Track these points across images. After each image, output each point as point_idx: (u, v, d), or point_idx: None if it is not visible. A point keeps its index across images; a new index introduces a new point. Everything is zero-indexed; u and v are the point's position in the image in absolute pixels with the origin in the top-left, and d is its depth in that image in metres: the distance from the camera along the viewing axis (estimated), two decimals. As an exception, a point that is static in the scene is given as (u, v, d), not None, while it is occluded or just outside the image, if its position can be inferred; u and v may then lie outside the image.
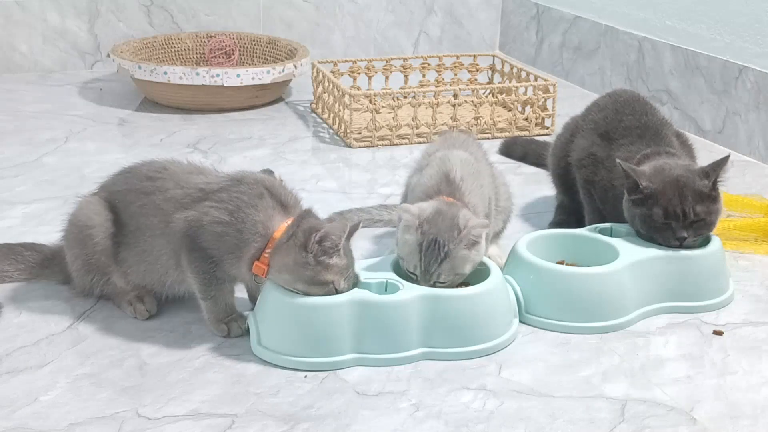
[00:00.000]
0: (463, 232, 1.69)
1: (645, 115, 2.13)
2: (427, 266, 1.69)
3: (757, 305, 1.91)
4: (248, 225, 1.65)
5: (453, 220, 1.69)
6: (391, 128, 2.89)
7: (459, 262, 1.70)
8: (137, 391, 1.55)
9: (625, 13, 3.38)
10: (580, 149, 2.16)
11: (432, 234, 1.69)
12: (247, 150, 2.79)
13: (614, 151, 2.07)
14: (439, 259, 1.68)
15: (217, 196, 1.69)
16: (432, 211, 1.71)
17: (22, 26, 3.57)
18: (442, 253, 1.68)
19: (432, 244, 1.68)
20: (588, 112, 2.24)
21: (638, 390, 1.60)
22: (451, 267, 1.69)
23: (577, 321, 1.78)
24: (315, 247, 1.60)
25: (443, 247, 1.68)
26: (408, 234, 1.71)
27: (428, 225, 1.69)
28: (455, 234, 1.69)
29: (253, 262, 1.64)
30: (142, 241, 1.76)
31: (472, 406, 1.54)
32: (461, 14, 4.08)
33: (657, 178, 1.89)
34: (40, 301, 1.85)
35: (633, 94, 2.21)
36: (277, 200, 1.69)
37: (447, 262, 1.69)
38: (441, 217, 1.70)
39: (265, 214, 1.66)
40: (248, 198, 1.67)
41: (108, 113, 3.13)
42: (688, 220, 1.86)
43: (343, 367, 1.63)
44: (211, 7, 3.77)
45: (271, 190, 1.69)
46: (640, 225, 1.90)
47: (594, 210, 2.13)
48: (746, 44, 2.81)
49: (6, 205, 2.33)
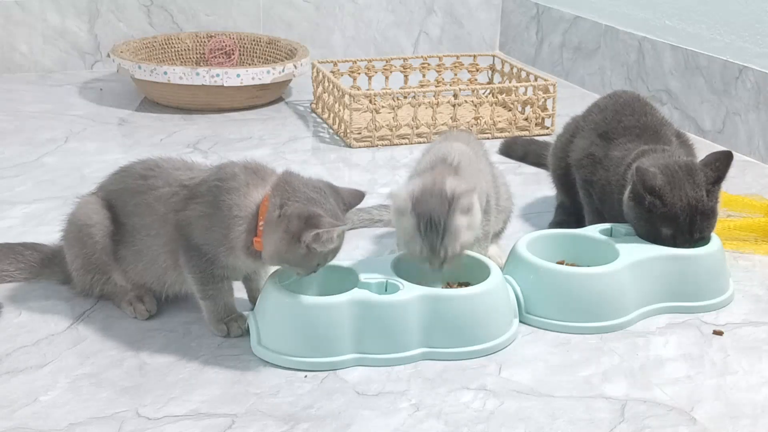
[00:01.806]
0: (453, 203, 1.68)
1: (644, 115, 2.13)
2: (431, 247, 1.69)
3: (757, 305, 1.91)
4: (225, 211, 1.63)
5: (441, 193, 1.69)
6: (391, 128, 2.89)
7: (458, 232, 1.69)
8: (137, 391, 1.55)
9: (625, 13, 3.38)
10: (579, 149, 2.16)
11: (426, 213, 1.68)
12: (247, 150, 2.79)
13: (612, 150, 2.07)
14: (440, 235, 1.68)
15: (198, 191, 1.68)
16: (419, 190, 1.70)
17: (22, 26, 3.57)
18: (440, 229, 1.68)
19: (429, 223, 1.68)
20: (588, 112, 2.24)
21: (638, 390, 1.60)
22: (453, 239, 1.69)
23: (577, 321, 1.78)
24: (310, 239, 1.58)
25: (440, 223, 1.68)
26: (403, 219, 1.71)
27: (419, 204, 1.69)
28: (446, 206, 1.68)
29: (247, 245, 1.63)
30: (139, 240, 1.76)
31: (472, 406, 1.54)
32: (461, 14, 4.08)
33: (669, 197, 1.86)
34: (40, 301, 1.85)
35: (633, 95, 2.21)
36: (253, 173, 1.66)
37: (448, 236, 1.68)
38: (429, 193, 1.69)
39: (238, 194, 1.63)
40: (222, 183, 1.65)
41: (108, 113, 3.14)
42: (693, 239, 1.88)
43: (343, 367, 1.63)
44: (211, 7, 3.77)
45: (245, 166, 1.67)
46: (640, 230, 1.91)
47: (593, 210, 2.13)
48: (746, 44, 2.81)
49: (6, 205, 2.33)
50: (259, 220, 1.62)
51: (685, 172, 1.89)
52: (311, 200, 1.61)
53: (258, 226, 1.62)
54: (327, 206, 1.61)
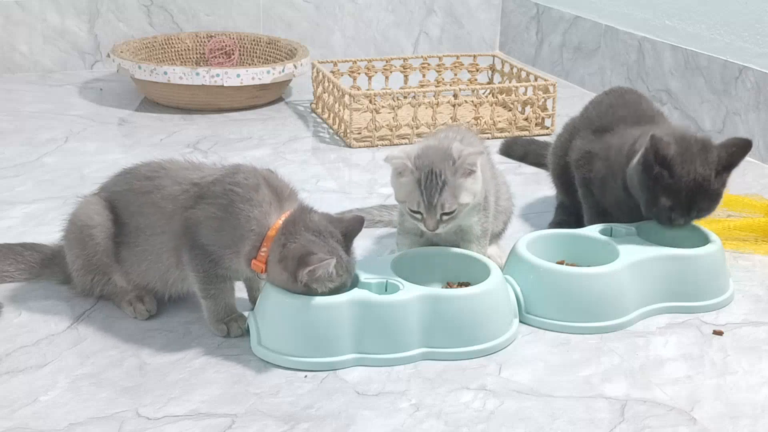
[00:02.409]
0: (458, 162, 1.70)
1: (640, 104, 2.14)
2: (429, 198, 1.70)
3: (757, 305, 1.91)
4: (242, 221, 1.64)
5: (446, 152, 1.72)
6: (391, 128, 2.89)
7: (458, 191, 1.71)
8: (137, 391, 1.55)
9: (625, 13, 3.38)
10: (577, 149, 2.16)
11: (427, 166, 1.70)
12: (247, 150, 2.79)
13: (610, 140, 2.07)
14: (439, 187, 1.70)
15: (211, 191, 1.68)
16: (421, 148, 1.73)
17: (22, 26, 3.57)
18: (440, 181, 1.69)
19: (429, 174, 1.70)
20: (585, 110, 2.25)
21: (638, 390, 1.60)
22: (452, 195, 1.71)
23: (577, 321, 1.78)
24: (305, 278, 1.59)
25: (440, 176, 1.69)
26: (403, 177, 1.73)
27: (421, 159, 1.71)
28: (450, 163, 1.70)
29: (251, 259, 1.64)
30: (143, 240, 1.76)
31: (472, 406, 1.54)
32: (461, 14, 4.08)
33: (678, 169, 1.85)
34: (40, 301, 1.85)
35: (628, 89, 2.22)
36: (274, 192, 1.67)
37: (447, 190, 1.70)
38: (433, 150, 1.72)
39: (260, 210, 1.64)
40: (243, 191, 1.65)
41: (108, 113, 3.14)
42: (690, 217, 1.87)
43: (343, 367, 1.63)
44: (211, 7, 3.77)
45: (268, 181, 1.68)
46: (639, 193, 1.91)
47: (593, 209, 2.13)
48: (746, 44, 2.81)
49: (6, 205, 2.33)
50: (263, 245, 1.62)
51: (699, 147, 1.88)
52: (310, 242, 1.61)
53: (260, 250, 1.62)
54: (326, 248, 1.61)
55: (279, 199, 1.67)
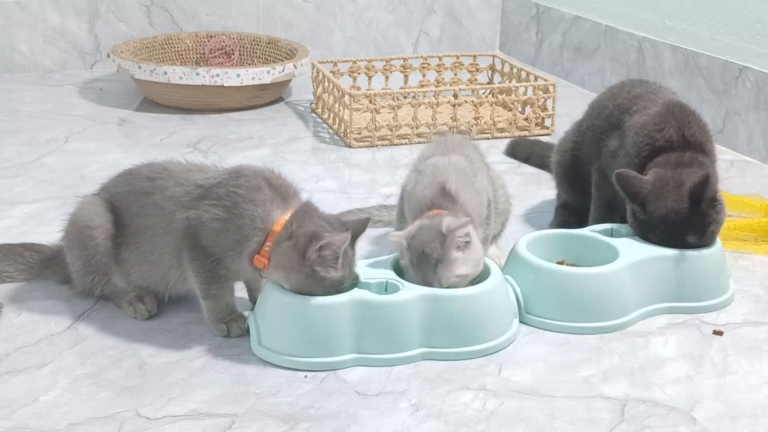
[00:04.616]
0: (447, 238, 1.69)
1: (641, 83, 2.16)
2: (423, 277, 1.70)
3: (757, 305, 1.91)
4: (247, 220, 1.64)
5: (437, 229, 1.70)
6: (391, 128, 2.89)
7: (455, 265, 1.70)
8: (137, 391, 1.55)
9: (625, 13, 3.38)
10: (607, 152, 2.10)
11: (419, 247, 1.70)
12: (247, 150, 2.79)
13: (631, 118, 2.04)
14: (432, 266, 1.69)
15: (215, 192, 1.69)
16: (416, 228, 1.72)
17: (22, 26, 3.57)
18: (432, 260, 1.69)
19: (420, 255, 1.69)
20: (591, 107, 2.25)
21: (638, 390, 1.60)
22: (448, 270, 1.69)
23: (577, 321, 1.78)
24: (314, 254, 1.59)
25: (431, 255, 1.69)
26: (403, 259, 1.73)
27: (414, 241, 1.71)
28: (439, 241, 1.69)
29: (254, 256, 1.64)
30: (144, 241, 1.76)
31: (472, 406, 1.54)
32: (461, 14, 4.08)
33: (657, 210, 1.86)
34: (40, 301, 1.85)
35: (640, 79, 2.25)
36: (276, 192, 1.68)
37: (441, 267, 1.69)
38: (425, 230, 1.71)
39: (263, 208, 1.65)
40: (245, 192, 1.66)
41: (108, 113, 3.13)
42: (680, 248, 1.87)
43: (343, 367, 1.63)
44: (211, 7, 3.77)
45: (269, 181, 1.69)
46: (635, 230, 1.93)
47: (602, 201, 2.09)
48: (746, 44, 2.81)
49: (6, 205, 2.33)
50: (267, 240, 1.63)
51: (673, 184, 1.87)
52: (321, 227, 1.63)
53: (264, 245, 1.63)
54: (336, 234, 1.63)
55: (283, 198, 1.68)
